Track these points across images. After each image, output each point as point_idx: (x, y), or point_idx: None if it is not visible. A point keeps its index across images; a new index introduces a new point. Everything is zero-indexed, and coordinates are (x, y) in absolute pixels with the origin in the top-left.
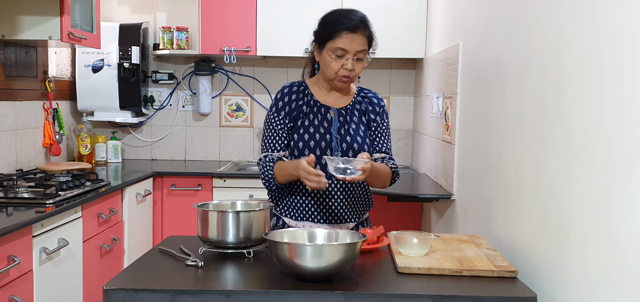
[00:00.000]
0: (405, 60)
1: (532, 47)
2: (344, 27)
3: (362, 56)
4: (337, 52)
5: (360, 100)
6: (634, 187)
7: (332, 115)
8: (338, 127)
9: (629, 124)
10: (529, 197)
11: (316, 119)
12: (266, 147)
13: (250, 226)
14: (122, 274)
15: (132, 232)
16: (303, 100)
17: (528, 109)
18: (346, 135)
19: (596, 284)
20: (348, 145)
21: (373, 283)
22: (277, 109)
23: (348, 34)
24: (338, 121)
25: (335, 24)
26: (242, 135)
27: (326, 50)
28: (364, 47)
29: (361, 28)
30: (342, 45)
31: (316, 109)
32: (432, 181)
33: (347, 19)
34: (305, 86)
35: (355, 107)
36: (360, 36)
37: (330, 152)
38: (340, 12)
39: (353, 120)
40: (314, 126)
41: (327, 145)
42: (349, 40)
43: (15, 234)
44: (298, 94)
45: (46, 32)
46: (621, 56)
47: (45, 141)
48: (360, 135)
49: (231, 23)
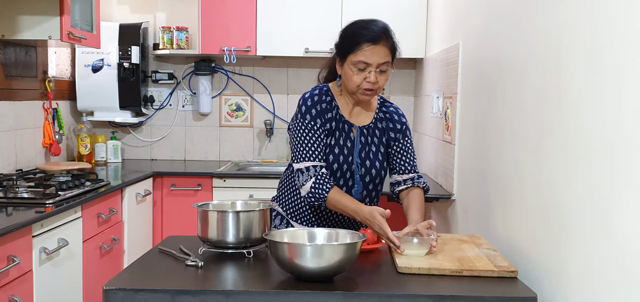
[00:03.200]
0: (405, 60)
1: (532, 47)
2: (365, 39)
3: (386, 68)
4: (358, 66)
5: (382, 116)
6: (634, 187)
7: (354, 134)
8: (360, 150)
9: (629, 124)
10: (529, 197)
11: (341, 138)
12: (306, 156)
13: (250, 226)
14: (122, 274)
15: (132, 232)
16: (331, 113)
17: (528, 109)
18: (366, 159)
19: (596, 284)
20: (366, 170)
21: (373, 283)
22: (312, 116)
23: (369, 46)
24: (360, 142)
25: (356, 36)
26: (242, 135)
27: (347, 63)
28: (387, 59)
29: (383, 39)
30: (364, 58)
31: (341, 125)
32: (432, 181)
33: (368, 31)
34: (331, 96)
35: (376, 127)
36: (382, 48)
37: (349, 175)
38: (361, 24)
39: (373, 142)
40: (339, 146)
41: (348, 168)
42: (370, 52)
43: (15, 234)
44: (328, 104)
45: (46, 32)
46: (621, 56)
47: (45, 141)
48: (379, 159)
49: (231, 23)
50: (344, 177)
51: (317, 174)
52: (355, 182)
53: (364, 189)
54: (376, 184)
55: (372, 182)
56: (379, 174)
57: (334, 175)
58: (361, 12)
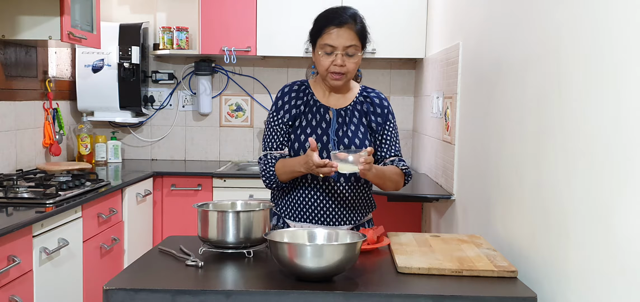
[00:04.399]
0: (405, 60)
1: (532, 47)
2: (330, 23)
3: (353, 52)
4: (325, 49)
5: (362, 100)
6: (634, 187)
7: (330, 115)
8: (336, 129)
9: (629, 124)
10: (529, 197)
11: (314, 119)
12: (266, 146)
13: (250, 226)
14: (122, 274)
15: (132, 232)
16: (303, 99)
17: (528, 109)
18: (344, 136)
19: (596, 284)
20: (346, 147)
21: (373, 283)
22: (276, 108)
23: (335, 29)
24: (337, 122)
25: (322, 19)
26: (242, 135)
27: (317, 48)
28: (353, 43)
29: (349, 22)
30: (330, 41)
31: (315, 109)
32: (432, 181)
33: (335, 15)
34: (307, 85)
35: (356, 108)
36: (347, 31)
37: (326, 153)
38: (330, 10)
39: (353, 121)
40: (311, 127)
41: (323, 147)
42: (336, 35)
43: (15, 234)
44: (298, 93)
45: (46, 32)
46: (621, 56)
47: (45, 141)
48: (358, 136)
49: (231, 23)
50: (320, 157)
51: (266, 161)
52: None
53: None
54: None
55: None
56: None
57: None
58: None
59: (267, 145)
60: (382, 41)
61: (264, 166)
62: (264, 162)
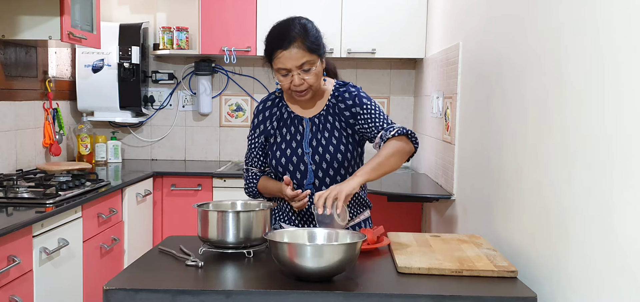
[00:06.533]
0: (405, 60)
1: (532, 47)
2: (276, 47)
3: (308, 67)
4: (281, 72)
5: (334, 102)
6: (634, 187)
7: (304, 126)
8: (310, 139)
9: (629, 124)
10: (529, 197)
11: (289, 133)
12: (247, 161)
13: (250, 226)
14: (122, 274)
15: (132, 232)
16: (276, 114)
17: (528, 109)
18: (318, 145)
19: (596, 284)
20: (320, 156)
21: (373, 283)
22: (253, 126)
23: (282, 52)
24: (310, 132)
25: (268, 45)
26: (242, 136)
27: (273, 69)
28: (304, 59)
29: (295, 42)
30: (281, 64)
31: (289, 121)
32: (432, 181)
33: (280, 37)
34: (280, 98)
35: (328, 113)
36: (296, 49)
37: (303, 166)
38: (273, 32)
39: (326, 128)
40: (286, 141)
41: (299, 160)
42: (286, 57)
43: (15, 234)
44: (271, 108)
45: (46, 32)
46: (621, 56)
47: (45, 141)
48: (333, 143)
49: (231, 23)
50: (298, 170)
51: (248, 175)
52: (308, 173)
53: (316, 178)
54: (335, 168)
55: (330, 167)
56: (335, 159)
57: (286, 169)
58: (361, 12)
59: (247, 161)
60: (382, 41)
61: (247, 181)
62: (246, 177)
